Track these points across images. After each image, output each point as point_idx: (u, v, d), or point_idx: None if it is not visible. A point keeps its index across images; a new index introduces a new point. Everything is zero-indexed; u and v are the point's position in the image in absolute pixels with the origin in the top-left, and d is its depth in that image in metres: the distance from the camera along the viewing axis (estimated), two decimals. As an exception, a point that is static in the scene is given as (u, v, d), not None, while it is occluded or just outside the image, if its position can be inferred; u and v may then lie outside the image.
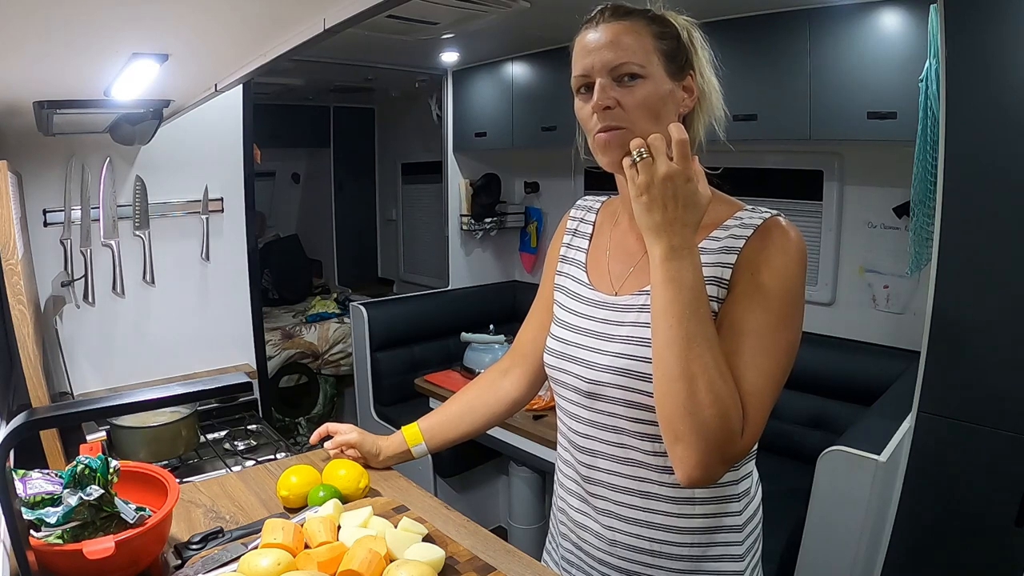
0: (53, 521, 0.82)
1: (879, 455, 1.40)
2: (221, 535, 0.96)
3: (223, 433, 1.90)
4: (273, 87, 3.59)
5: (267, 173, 4.40)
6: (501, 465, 2.87)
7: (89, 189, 1.90)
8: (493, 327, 2.71)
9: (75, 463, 0.86)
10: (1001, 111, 1.31)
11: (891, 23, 1.78)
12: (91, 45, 0.97)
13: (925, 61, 1.58)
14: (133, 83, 1.21)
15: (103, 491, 0.85)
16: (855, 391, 2.13)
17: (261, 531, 0.89)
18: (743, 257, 0.82)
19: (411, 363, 3.03)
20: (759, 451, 0.93)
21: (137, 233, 2.00)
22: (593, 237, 1.02)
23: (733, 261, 0.83)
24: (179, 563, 0.89)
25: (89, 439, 1.63)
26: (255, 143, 2.25)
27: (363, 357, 3.02)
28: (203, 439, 1.80)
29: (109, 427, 1.65)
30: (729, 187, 0.90)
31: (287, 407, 3.50)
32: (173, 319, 2.11)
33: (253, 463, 1.66)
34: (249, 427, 1.94)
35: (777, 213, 0.85)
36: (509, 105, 2.91)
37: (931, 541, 1.50)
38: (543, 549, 1.12)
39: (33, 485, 0.85)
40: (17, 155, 1.76)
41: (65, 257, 1.88)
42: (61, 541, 0.82)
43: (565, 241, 1.05)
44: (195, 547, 0.92)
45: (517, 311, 3.32)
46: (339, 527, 0.93)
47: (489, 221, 3.39)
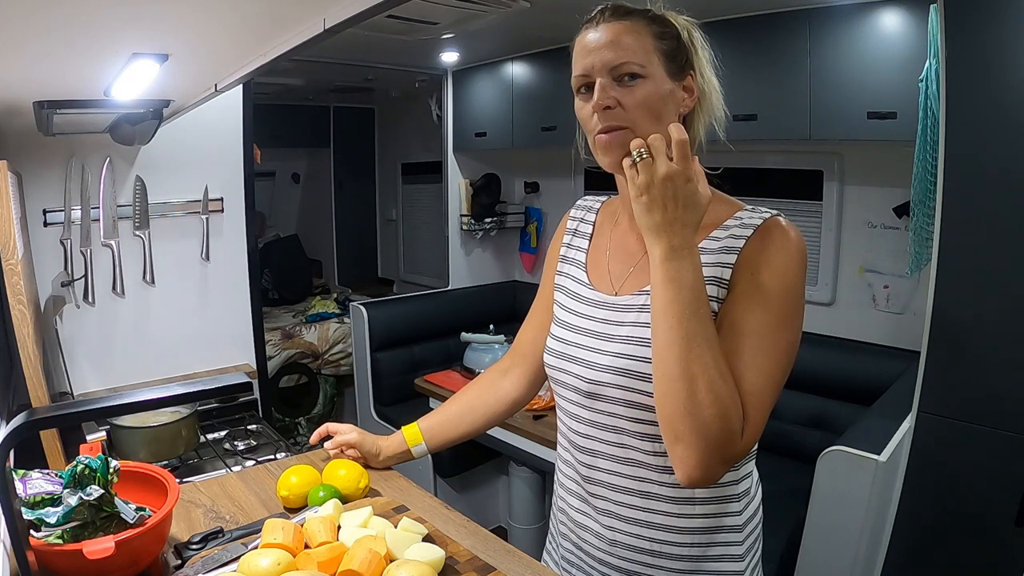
0: (53, 521, 0.82)
1: (879, 455, 1.41)
2: (221, 535, 0.96)
3: (223, 433, 1.90)
4: (273, 87, 3.59)
5: (267, 173, 4.40)
6: (501, 465, 2.87)
7: (89, 189, 1.90)
8: (493, 327, 2.71)
9: (75, 463, 0.86)
10: (1001, 111, 1.31)
11: (891, 23, 1.78)
12: (91, 45, 0.97)
13: (925, 61, 1.58)
14: (133, 83, 1.21)
15: (103, 491, 0.85)
16: (855, 391, 2.13)
17: (261, 531, 0.89)
18: (743, 257, 0.82)
19: (411, 363, 3.03)
20: (759, 451, 0.93)
21: (137, 233, 2.00)
22: (593, 237, 1.02)
23: (733, 261, 0.83)
24: (179, 563, 0.89)
25: (89, 439, 1.63)
26: (255, 143, 2.25)
27: (363, 357, 3.02)
28: (203, 439, 1.80)
29: (109, 427, 1.65)
30: (729, 187, 0.90)
31: (287, 407, 3.50)
32: (173, 319, 2.11)
33: (253, 463, 1.66)
34: (249, 427, 1.94)
35: (777, 213, 0.85)
36: (509, 105, 2.91)
37: (931, 541, 1.50)
38: (543, 549, 1.12)
39: (33, 485, 0.85)
40: (17, 155, 1.76)
41: (65, 257, 1.88)
42: (61, 541, 0.82)
43: (565, 241, 1.05)
44: (195, 547, 0.92)
45: (517, 311, 3.31)
46: (339, 527, 0.93)
47: (489, 221, 3.39)
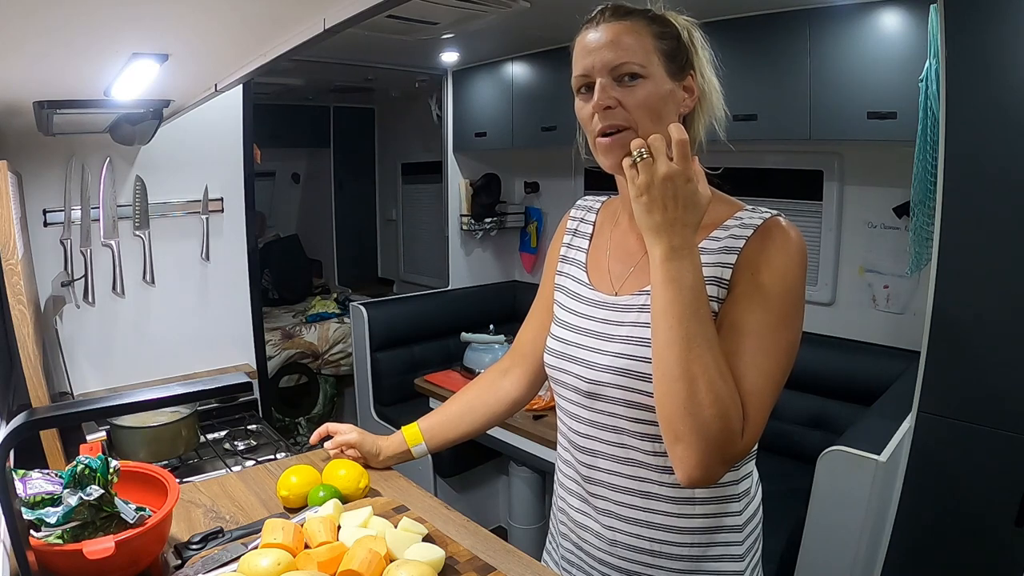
0: (53, 521, 0.82)
1: (879, 455, 1.41)
2: (221, 535, 0.96)
3: (223, 433, 1.90)
4: (273, 87, 3.59)
5: (267, 173, 4.40)
6: (501, 465, 2.87)
7: (89, 189, 1.90)
8: (493, 327, 2.71)
9: (75, 463, 0.86)
10: (1001, 111, 1.31)
11: (891, 23, 1.78)
12: (91, 45, 0.97)
13: (925, 61, 1.58)
14: (133, 83, 1.21)
15: (103, 491, 0.85)
16: (855, 391, 2.13)
17: (261, 531, 0.89)
18: (743, 257, 0.82)
19: (411, 363, 3.03)
20: (759, 451, 0.93)
21: (137, 233, 2.00)
22: (593, 237, 1.02)
23: (733, 261, 0.83)
24: (179, 563, 0.89)
25: (89, 439, 1.63)
26: (255, 143, 2.25)
27: (363, 357, 3.02)
28: (203, 439, 1.80)
29: (109, 427, 1.65)
30: (729, 187, 0.90)
31: (287, 407, 3.50)
32: (173, 319, 2.11)
33: (253, 463, 1.66)
34: (249, 427, 1.94)
35: (777, 213, 0.85)
36: (509, 105, 2.91)
37: (931, 541, 1.50)
38: (543, 549, 1.12)
39: (33, 485, 0.85)
40: (17, 155, 1.76)
41: (65, 257, 1.88)
42: (61, 541, 0.82)
43: (565, 241, 1.05)
44: (195, 547, 0.92)
45: (517, 311, 3.31)
46: (339, 527, 0.93)
47: (489, 221, 3.39)
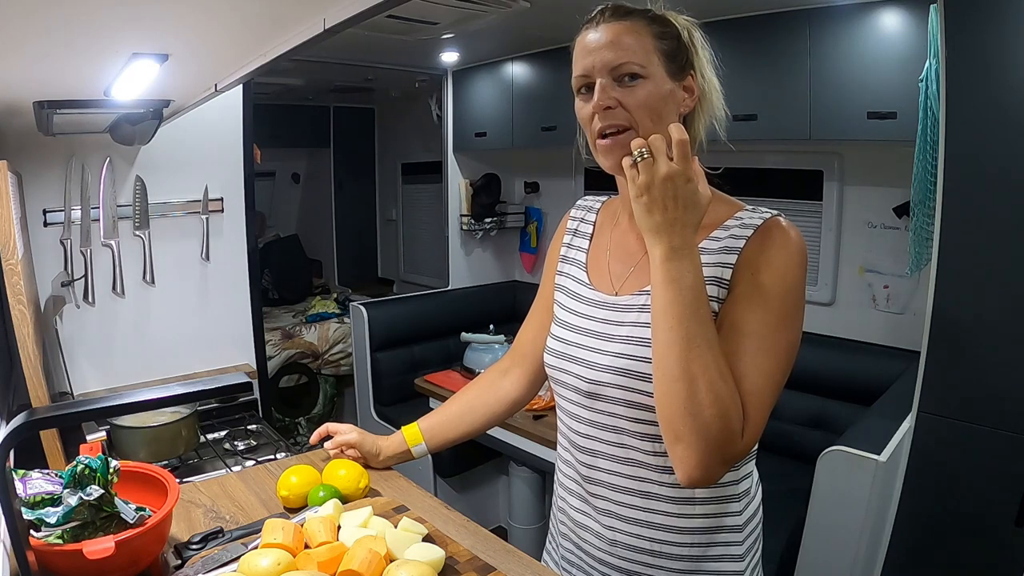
0: (53, 521, 0.82)
1: (879, 455, 1.40)
2: (221, 535, 0.96)
3: (223, 433, 1.90)
4: (273, 87, 3.59)
5: (267, 173, 4.40)
6: (501, 465, 2.87)
7: (89, 189, 1.90)
8: (493, 327, 2.71)
9: (75, 463, 0.86)
10: (1001, 111, 1.31)
11: (891, 23, 1.78)
12: (91, 45, 0.97)
13: (925, 61, 1.58)
14: (133, 83, 1.21)
15: (103, 491, 0.85)
16: (855, 391, 2.13)
17: (261, 531, 0.89)
18: (743, 257, 0.82)
19: (411, 363, 3.03)
20: (759, 451, 0.93)
21: (137, 233, 2.00)
22: (593, 237, 1.02)
23: (733, 261, 0.83)
24: (179, 563, 0.89)
25: (89, 439, 1.63)
26: (255, 143, 2.25)
27: (363, 357, 3.02)
28: (203, 439, 1.80)
29: (109, 427, 1.65)
30: (729, 187, 0.90)
31: (287, 407, 3.50)
32: (173, 319, 2.11)
33: (253, 463, 1.66)
34: (249, 427, 1.94)
35: (777, 213, 0.85)
36: (509, 105, 2.91)
37: (931, 541, 1.50)
38: (543, 549, 1.12)
39: (33, 485, 0.85)
40: (17, 155, 1.76)
41: (65, 257, 1.88)
42: (61, 541, 0.82)
43: (565, 241, 1.05)
44: (195, 547, 0.92)
45: (517, 311, 3.31)
46: (339, 527, 0.93)
47: (489, 221, 3.39)
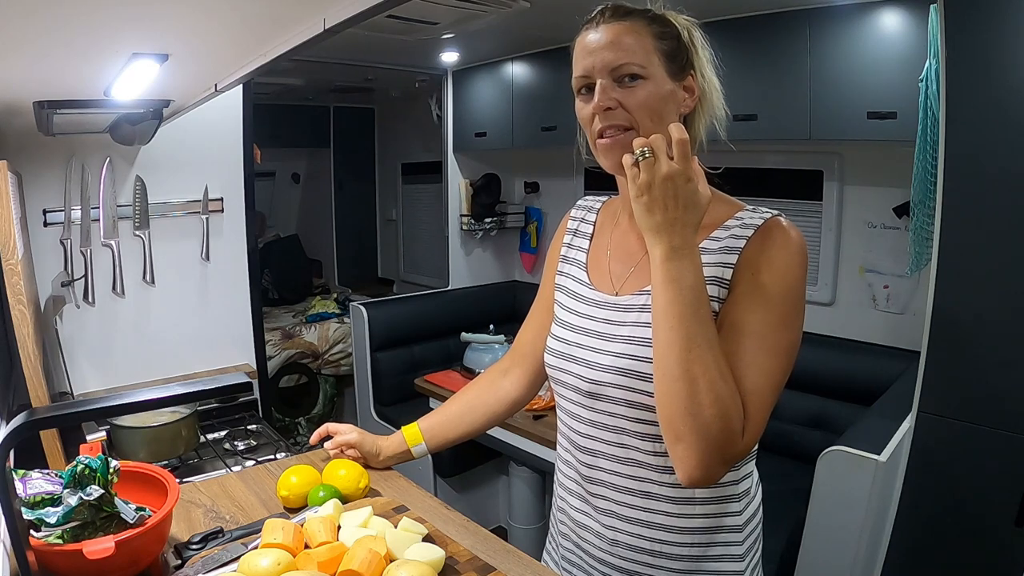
0: (53, 521, 0.82)
1: (879, 455, 1.40)
2: (221, 535, 0.96)
3: (223, 433, 1.90)
4: (273, 87, 3.58)
5: (267, 173, 4.40)
6: (501, 465, 2.87)
7: (89, 189, 1.90)
8: (493, 327, 2.71)
9: (75, 463, 0.86)
10: (1001, 111, 1.31)
11: (891, 23, 1.78)
12: (91, 45, 0.97)
13: (925, 61, 1.58)
14: (133, 83, 1.21)
15: (103, 491, 0.85)
16: (855, 391, 2.13)
17: (261, 531, 0.89)
18: (744, 257, 0.82)
19: (411, 363, 3.03)
20: (759, 451, 0.93)
21: (137, 233, 2.00)
22: (594, 237, 1.02)
23: (734, 261, 0.83)
24: (179, 563, 0.89)
25: (89, 439, 1.63)
26: (255, 143, 2.25)
27: (363, 357, 3.02)
28: (203, 439, 1.80)
29: (109, 427, 1.65)
30: (729, 187, 0.90)
31: (287, 407, 3.50)
32: (173, 319, 2.11)
33: (253, 463, 1.66)
34: (249, 427, 1.94)
35: (778, 213, 0.85)
36: (509, 105, 2.91)
37: (931, 541, 1.50)
38: (543, 549, 1.12)
39: (33, 485, 0.85)
40: (17, 155, 1.76)
41: (65, 257, 1.88)
42: (61, 541, 0.82)
43: (566, 241, 1.05)
44: (195, 547, 0.92)
45: (517, 311, 3.31)
46: (339, 527, 0.93)
47: (489, 221, 3.39)
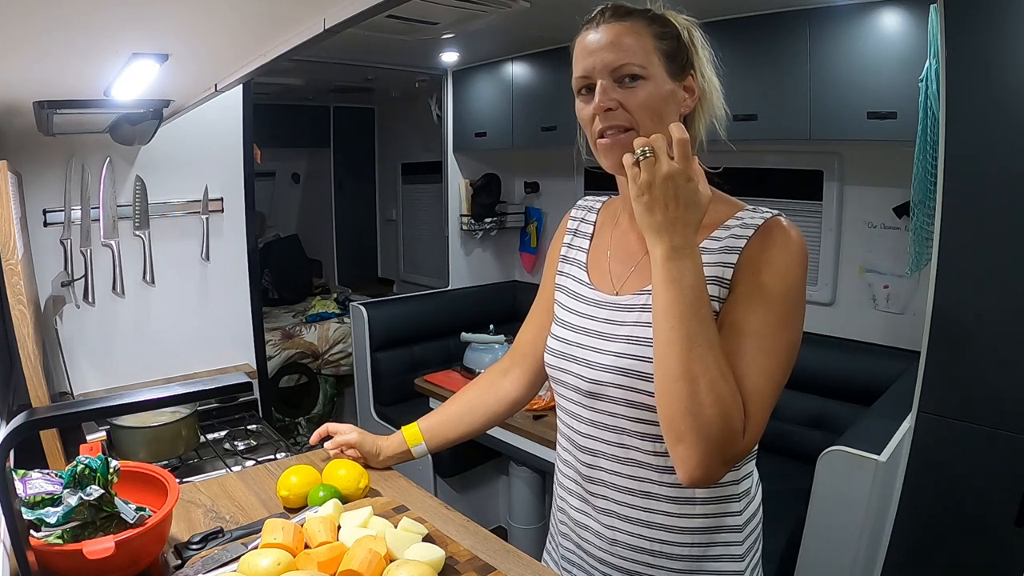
0: (53, 521, 0.82)
1: (879, 455, 1.40)
2: (221, 535, 0.96)
3: (223, 433, 1.90)
4: (273, 87, 3.58)
5: (267, 173, 4.40)
6: (501, 465, 2.87)
7: (89, 189, 1.90)
8: (493, 327, 2.71)
9: (75, 463, 0.86)
10: (1001, 111, 1.31)
11: (891, 23, 1.78)
12: (91, 45, 0.97)
13: (925, 61, 1.58)
14: (133, 83, 1.21)
15: (103, 491, 0.85)
16: (855, 391, 2.13)
17: (261, 531, 0.89)
18: (744, 257, 0.82)
19: (411, 363, 3.03)
20: (759, 451, 0.93)
21: (137, 233, 2.00)
22: (594, 237, 1.02)
23: (734, 261, 0.83)
24: (179, 563, 0.89)
25: (89, 439, 1.63)
26: (255, 143, 2.25)
27: (363, 357, 3.02)
28: (203, 439, 1.80)
29: (109, 427, 1.65)
30: (729, 187, 0.90)
31: (287, 407, 3.50)
32: (173, 319, 2.11)
33: (253, 463, 1.66)
34: (249, 427, 1.94)
35: (778, 213, 0.85)
36: (509, 105, 2.91)
37: (931, 541, 1.50)
38: (543, 549, 1.12)
39: (33, 485, 0.85)
40: (17, 155, 1.76)
41: (65, 257, 1.88)
42: (61, 541, 0.82)
43: (566, 241, 1.05)
44: (195, 547, 0.92)
45: (517, 311, 3.31)
46: (339, 527, 0.93)
47: (489, 221, 3.38)
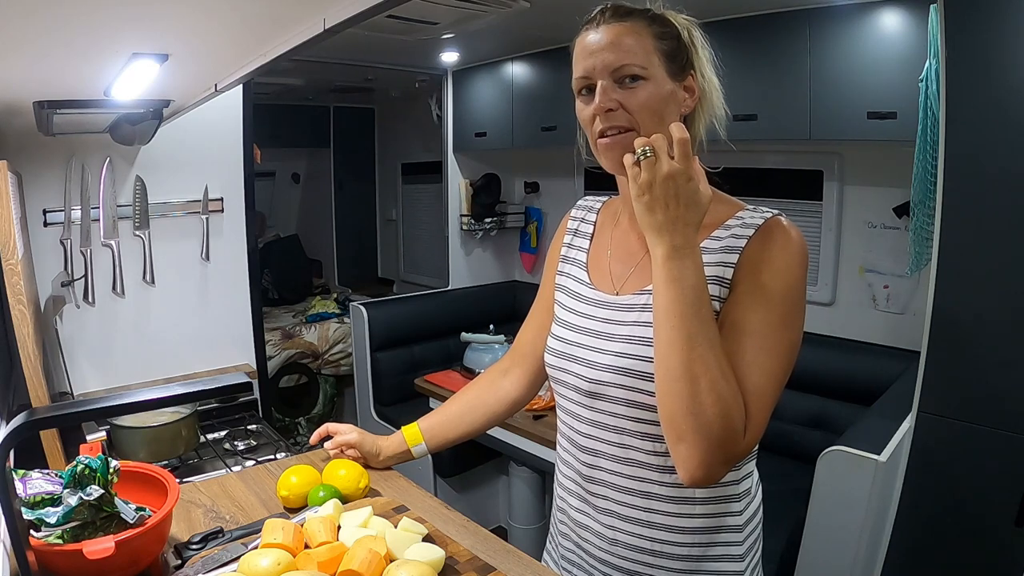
0: (53, 521, 0.82)
1: (879, 455, 1.40)
2: (221, 535, 0.96)
3: (223, 433, 1.90)
4: (273, 87, 3.58)
5: (267, 173, 4.40)
6: (501, 465, 2.87)
7: (89, 189, 1.90)
8: (493, 327, 2.71)
9: (75, 463, 0.86)
10: (1001, 111, 1.31)
11: (891, 23, 1.78)
12: (91, 45, 0.97)
13: (925, 61, 1.58)
14: (133, 83, 1.21)
15: (103, 491, 0.85)
16: (855, 391, 2.13)
17: (261, 531, 0.89)
18: (745, 257, 0.82)
19: (411, 363, 3.03)
20: (759, 451, 0.93)
21: (137, 233, 2.00)
22: (594, 237, 1.02)
23: (735, 261, 0.83)
24: (179, 563, 0.89)
25: (89, 439, 1.63)
26: (255, 143, 2.25)
27: (363, 357, 3.02)
28: (203, 439, 1.80)
29: (109, 427, 1.65)
30: (729, 187, 0.90)
31: (287, 407, 3.50)
32: (173, 319, 2.11)
33: (253, 463, 1.66)
34: (249, 427, 1.94)
35: (779, 213, 0.85)
36: (509, 105, 2.91)
37: (931, 541, 1.50)
38: (543, 549, 1.12)
39: (33, 485, 0.85)
40: (17, 155, 1.76)
41: (65, 257, 1.88)
42: (61, 541, 0.82)
43: (566, 241, 1.05)
44: (195, 547, 0.92)
45: (517, 311, 3.31)
46: (339, 527, 0.93)
47: (489, 221, 3.38)
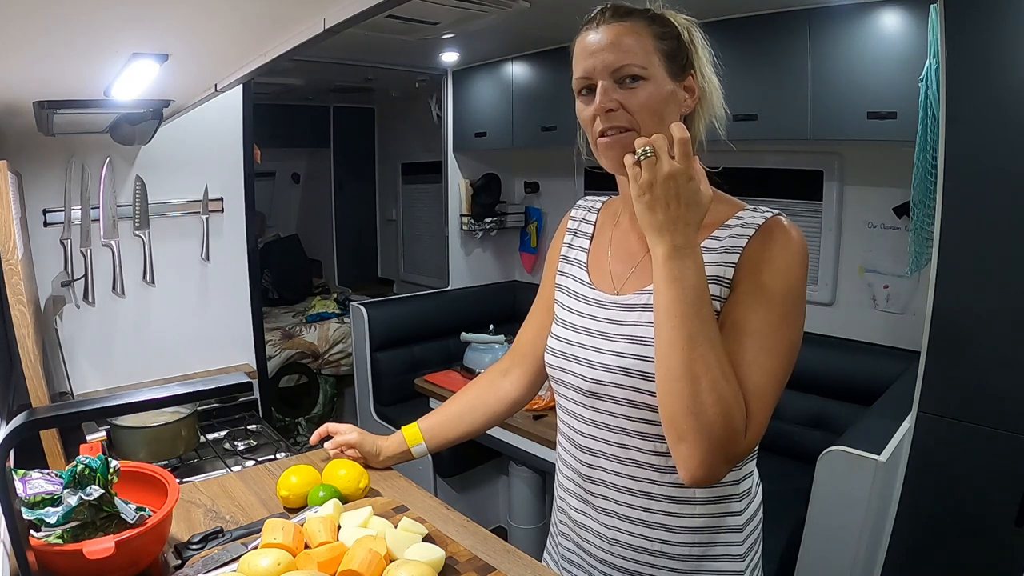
0: (53, 521, 0.82)
1: (879, 455, 1.40)
2: (221, 535, 0.96)
3: (223, 433, 1.90)
4: (273, 87, 3.58)
5: (267, 173, 4.40)
6: (501, 465, 2.87)
7: (89, 189, 1.90)
8: (493, 327, 2.71)
9: (75, 463, 0.86)
10: (1001, 111, 1.31)
11: (891, 23, 1.78)
12: (91, 45, 0.97)
13: (925, 61, 1.58)
14: (133, 83, 1.21)
15: (103, 491, 0.85)
16: (855, 391, 2.13)
17: (261, 531, 0.89)
18: (745, 257, 0.82)
19: (411, 363, 3.03)
20: (759, 451, 0.93)
21: (137, 233, 2.00)
22: (594, 237, 1.02)
23: (735, 260, 0.83)
24: (179, 563, 0.89)
25: (89, 439, 1.63)
26: (255, 143, 2.25)
27: (363, 357, 3.02)
28: (203, 439, 1.80)
29: (109, 427, 1.65)
30: (729, 187, 0.90)
31: (287, 407, 3.50)
32: (173, 319, 2.11)
33: (253, 463, 1.66)
34: (249, 427, 1.94)
35: (779, 213, 0.85)
36: (509, 105, 2.91)
37: (931, 541, 1.50)
38: (543, 549, 1.12)
39: (33, 485, 0.85)
40: (17, 155, 1.76)
41: (65, 257, 1.88)
42: (61, 541, 0.82)
43: (566, 241, 1.05)
44: (195, 547, 0.92)
45: (517, 311, 3.31)
46: (339, 527, 0.93)
47: (489, 221, 3.39)
